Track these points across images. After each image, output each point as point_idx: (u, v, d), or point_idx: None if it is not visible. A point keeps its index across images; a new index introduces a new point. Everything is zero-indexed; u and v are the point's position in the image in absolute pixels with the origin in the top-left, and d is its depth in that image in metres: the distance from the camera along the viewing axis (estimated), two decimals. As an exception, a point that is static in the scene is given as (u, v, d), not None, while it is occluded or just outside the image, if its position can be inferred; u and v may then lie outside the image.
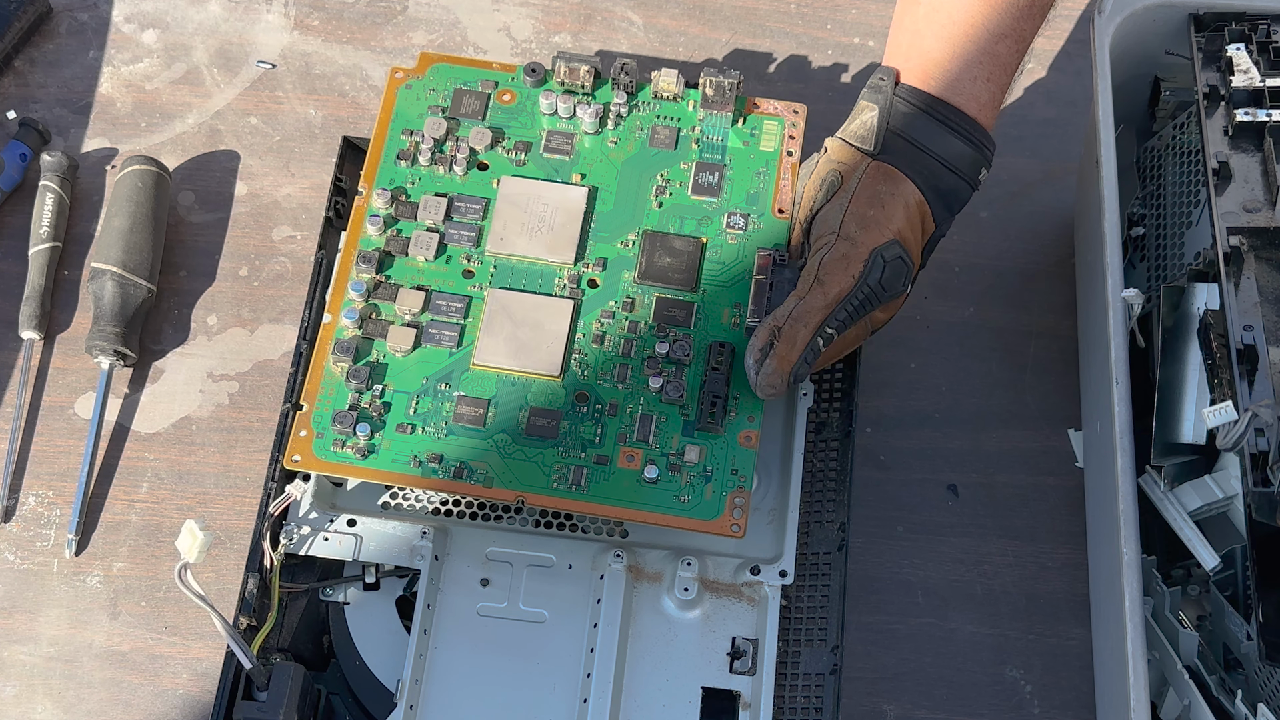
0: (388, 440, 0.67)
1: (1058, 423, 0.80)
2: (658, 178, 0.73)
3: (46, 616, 0.75)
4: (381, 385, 0.69)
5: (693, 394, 0.68)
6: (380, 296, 0.70)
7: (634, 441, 0.67)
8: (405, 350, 0.69)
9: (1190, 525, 0.68)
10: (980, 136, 0.69)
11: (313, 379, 0.69)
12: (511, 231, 0.72)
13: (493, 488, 0.66)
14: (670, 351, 0.69)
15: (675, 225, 0.72)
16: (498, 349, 0.69)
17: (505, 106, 0.75)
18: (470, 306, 0.70)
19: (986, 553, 0.77)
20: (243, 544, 0.76)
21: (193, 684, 0.74)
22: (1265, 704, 0.64)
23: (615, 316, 0.70)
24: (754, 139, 0.74)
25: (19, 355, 0.81)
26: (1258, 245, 0.66)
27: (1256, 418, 0.61)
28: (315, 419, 0.68)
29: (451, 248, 0.72)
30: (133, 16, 0.91)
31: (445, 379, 0.69)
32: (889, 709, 0.74)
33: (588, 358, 0.69)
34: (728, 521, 0.66)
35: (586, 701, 0.66)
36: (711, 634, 0.68)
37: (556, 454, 0.67)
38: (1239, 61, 0.70)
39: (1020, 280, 0.84)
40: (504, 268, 0.71)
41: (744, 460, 0.67)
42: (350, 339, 0.69)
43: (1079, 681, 0.74)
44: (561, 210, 0.72)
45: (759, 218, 0.72)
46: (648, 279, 0.71)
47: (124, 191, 0.81)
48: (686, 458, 0.67)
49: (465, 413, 0.68)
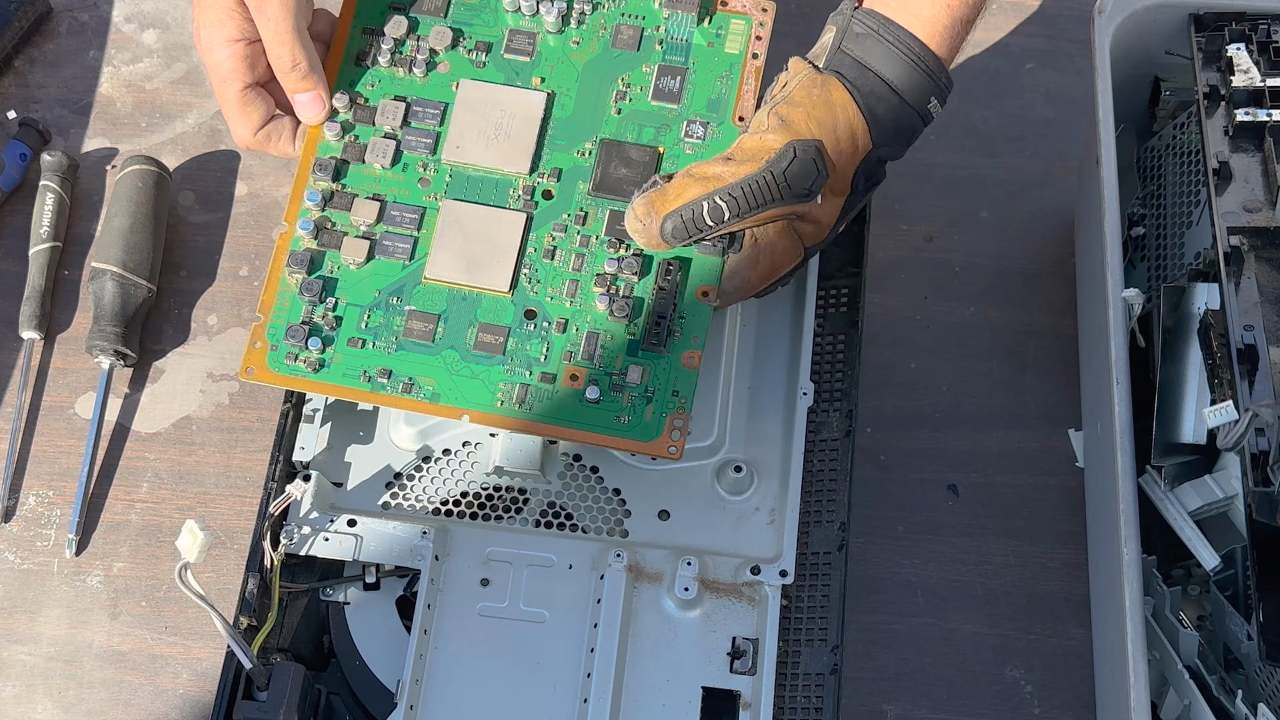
0: (339, 354, 0.68)
1: (1058, 423, 0.80)
2: (619, 82, 0.72)
3: (46, 616, 0.75)
4: (334, 298, 0.69)
5: (639, 312, 0.68)
6: (336, 206, 0.70)
7: (579, 360, 0.67)
8: (359, 263, 0.69)
9: (1190, 525, 0.68)
10: (928, 62, 0.67)
11: (268, 290, 0.69)
12: (468, 140, 0.71)
13: (439, 404, 0.67)
14: (619, 270, 0.68)
15: (634, 133, 0.71)
16: (449, 263, 0.69)
17: (468, 3, 0.73)
18: (424, 218, 0.70)
19: (986, 553, 0.77)
20: (243, 544, 0.76)
21: (193, 684, 0.74)
22: (1265, 704, 0.64)
23: (568, 230, 0.70)
24: (719, 39, 0.73)
25: (19, 355, 0.81)
26: (1258, 245, 0.66)
27: (1257, 418, 0.61)
28: (270, 331, 0.68)
29: (408, 155, 0.71)
30: (133, 16, 0.91)
31: (397, 292, 0.69)
32: (889, 709, 0.74)
33: (538, 273, 0.69)
34: (665, 443, 0.66)
35: (586, 701, 0.66)
36: (711, 634, 0.68)
37: (502, 371, 0.67)
38: (1239, 61, 0.70)
39: (1020, 280, 0.84)
40: (459, 177, 0.71)
41: (686, 382, 0.67)
42: (304, 250, 0.69)
43: (1079, 681, 0.74)
44: (519, 117, 0.71)
45: (719, 126, 0.71)
46: (602, 191, 0.70)
47: (124, 191, 0.81)
48: (629, 378, 0.67)
49: (415, 328, 0.68)
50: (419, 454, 0.72)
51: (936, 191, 0.87)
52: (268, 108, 0.71)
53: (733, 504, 0.71)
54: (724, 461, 0.72)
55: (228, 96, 0.70)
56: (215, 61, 0.69)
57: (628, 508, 0.71)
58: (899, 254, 0.85)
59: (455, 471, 0.71)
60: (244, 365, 0.68)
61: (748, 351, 0.74)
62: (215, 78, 0.70)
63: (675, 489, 0.71)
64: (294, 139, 0.72)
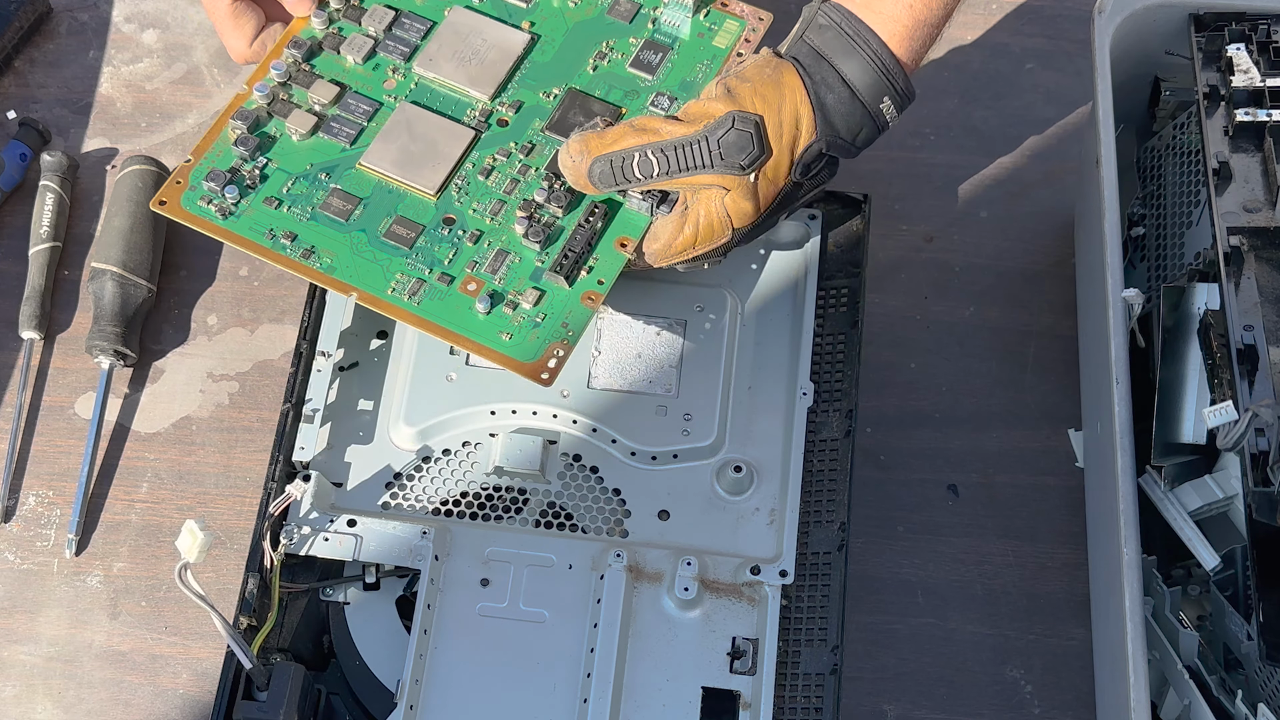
0: (252, 208, 0.69)
1: (1058, 423, 0.80)
2: (603, 45, 0.74)
3: (46, 616, 0.75)
4: (267, 159, 0.70)
5: (554, 243, 0.68)
6: (298, 82, 0.72)
7: (481, 272, 0.68)
8: (302, 134, 0.70)
9: (1190, 525, 0.68)
10: (884, 61, 0.67)
11: (207, 137, 0.70)
12: (442, 56, 0.73)
13: (332, 276, 0.67)
14: (548, 199, 0.69)
15: (603, 91, 0.72)
16: (387, 155, 0.70)
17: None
18: (378, 113, 0.71)
19: (986, 553, 0.77)
20: (243, 544, 0.76)
21: (193, 684, 0.74)
22: (1265, 704, 0.64)
23: (510, 156, 0.71)
24: (710, 33, 0.74)
25: (19, 355, 0.81)
26: (1258, 245, 0.66)
27: (1256, 418, 0.61)
28: (194, 173, 0.69)
29: (382, 56, 0.73)
30: (133, 16, 0.91)
31: (329, 170, 0.70)
32: (889, 709, 0.74)
33: (469, 186, 0.70)
34: (540, 367, 0.66)
35: (586, 701, 0.66)
36: (711, 634, 0.68)
37: (404, 263, 0.68)
38: (1239, 61, 0.70)
39: (1020, 280, 0.84)
40: (424, 88, 0.72)
41: (579, 317, 0.67)
42: (254, 109, 0.71)
43: (1079, 681, 0.74)
44: (498, 49, 0.73)
45: (684, 104, 0.71)
46: (554, 131, 0.71)
47: (124, 191, 0.81)
48: (523, 301, 0.67)
49: (334, 204, 0.69)
50: (419, 454, 0.72)
51: (936, 191, 0.87)
52: (258, 18, 0.74)
53: (733, 504, 0.71)
54: (724, 461, 0.72)
55: (219, 10, 0.73)
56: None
57: (628, 508, 0.71)
58: (899, 254, 0.85)
59: (455, 471, 0.71)
60: (158, 197, 0.69)
61: (748, 351, 0.74)
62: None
63: (675, 489, 0.71)
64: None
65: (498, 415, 0.72)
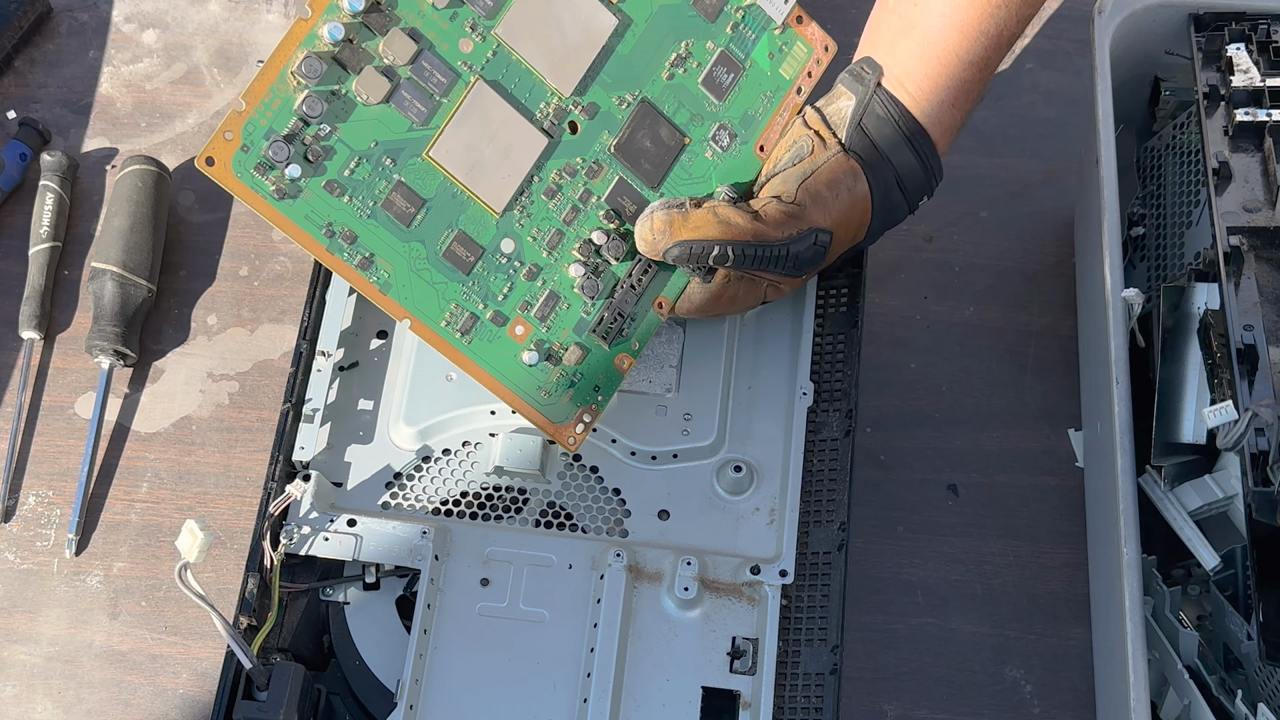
0: (310, 192, 0.63)
1: (1058, 423, 0.80)
2: (682, 46, 0.70)
3: (46, 616, 0.75)
4: (331, 128, 0.63)
5: (603, 297, 0.68)
6: (371, 25, 0.64)
7: (531, 316, 0.67)
8: (371, 101, 0.64)
9: (1190, 525, 0.68)
10: (933, 160, 0.70)
11: (263, 78, 0.61)
12: (528, 26, 0.67)
13: (388, 296, 0.65)
14: (605, 246, 0.68)
15: (672, 106, 0.70)
16: (456, 152, 0.66)
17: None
18: (454, 87, 0.65)
19: (986, 553, 0.77)
20: (243, 544, 0.76)
21: (193, 684, 0.74)
22: (1265, 704, 0.64)
23: (576, 175, 0.68)
24: (780, 56, 0.73)
25: (19, 355, 0.81)
26: (1258, 245, 0.66)
27: (1256, 417, 0.61)
28: (248, 128, 0.61)
29: (466, 6, 0.66)
30: (133, 16, 0.91)
31: (394, 153, 0.65)
32: (889, 709, 0.74)
33: (532, 206, 0.68)
34: (569, 433, 0.67)
35: (586, 701, 0.66)
36: (711, 634, 0.68)
37: (459, 291, 0.66)
38: (1239, 61, 0.70)
39: (1020, 280, 0.84)
40: (502, 59, 0.67)
41: (610, 382, 0.67)
42: (324, 55, 0.62)
43: (1079, 681, 0.74)
44: (584, 30, 0.68)
45: (741, 146, 0.71)
46: (622, 154, 0.69)
47: (124, 191, 0.81)
48: (567, 356, 0.67)
49: (396, 203, 0.65)
50: (419, 454, 0.72)
51: (936, 191, 0.87)
52: None
53: (733, 504, 0.71)
54: (724, 461, 0.72)
55: None
56: None
57: (627, 508, 0.71)
58: (899, 254, 0.85)
59: (455, 471, 0.71)
60: (205, 153, 0.61)
61: (748, 351, 0.74)
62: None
63: (675, 489, 0.71)
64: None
65: (498, 415, 0.72)
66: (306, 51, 0.62)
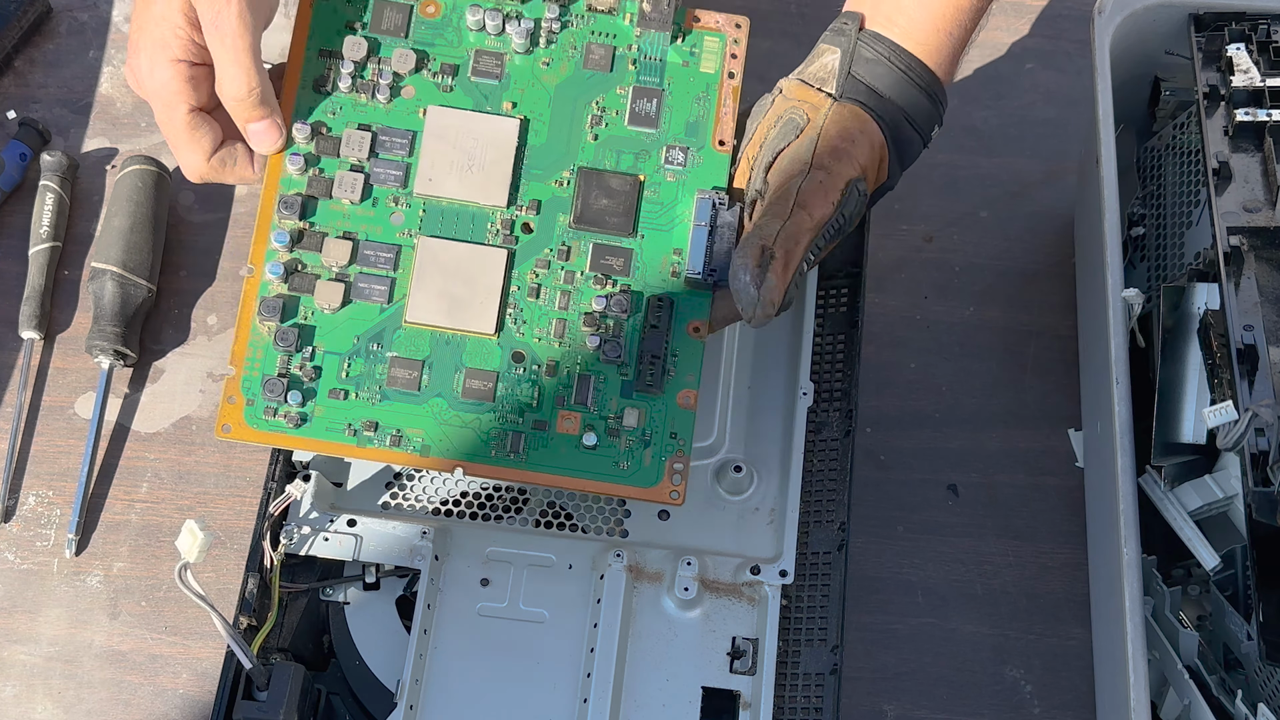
0: (320, 407, 0.65)
1: (1058, 423, 0.80)
2: (593, 105, 0.69)
3: (46, 616, 0.75)
4: (311, 347, 0.66)
5: (631, 352, 0.66)
6: (305, 246, 0.66)
7: (572, 405, 0.66)
8: (334, 307, 0.66)
9: (1190, 525, 0.68)
10: (939, 91, 0.68)
11: (239, 340, 0.66)
12: (440, 171, 0.67)
13: (430, 457, 0.65)
14: (607, 308, 0.67)
15: (612, 160, 0.68)
16: (431, 305, 0.66)
17: (429, 21, 0.69)
18: (400, 256, 0.67)
19: (986, 553, 0.77)
20: (243, 544, 0.76)
21: (193, 684, 0.74)
22: (1265, 704, 0.64)
23: (550, 266, 0.67)
24: (694, 58, 0.70)
25: (19, 355, 0.81)
26: (1258, 245, 0.66)
27: (1256, 418, 0.61)
28: (245, 384, 0.65)
29: (378, 189, 0.67)
30: (133, 16, 0.91)
31: (377, 338, 0.66)
32: (889, 709, 0.74)
33: (523, 312, 0.67)
34: (666, 488, 0.65)
35: (586, 701, 0.66)
36: (711, 634, 0.68)
37: (494, 419, 0.66)
38: (1239, 61, 0.70)
39: (1020, 280, 0.84)
40: (434, 211, 0.67)
41: (683, 423, 0.66)
42: (276, 296, 0.66)
43: (1079, 681, 0.74)
44: (492, 145, 0.68)
45: (699, 151, 0.69)
46: (584, 223, 0.67)
47: (124, 191, 0.81)
48: (625, 421, 0.66)
49: (399, 376, 0.66)
50: (419, 454, 0.72)
51: (936, 191, 0.87)
52: (216, 134, 0.66)
53: (733, 504, 0.71)
54: (724, 461, 0.72)
55: (174, 123, 0.65)
56: (158, 84, 0.64)
57: (627, 508, 0.71)
58: (899, 254, 0.85)
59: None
60: (220, 422, 0.65)
61: (748, 351, 0.74)
62: (158, 103, 0.65)
63: (675, 489, 0.71)
64: (251, 163, 0.67)
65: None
66: (261, 298, 0.66)
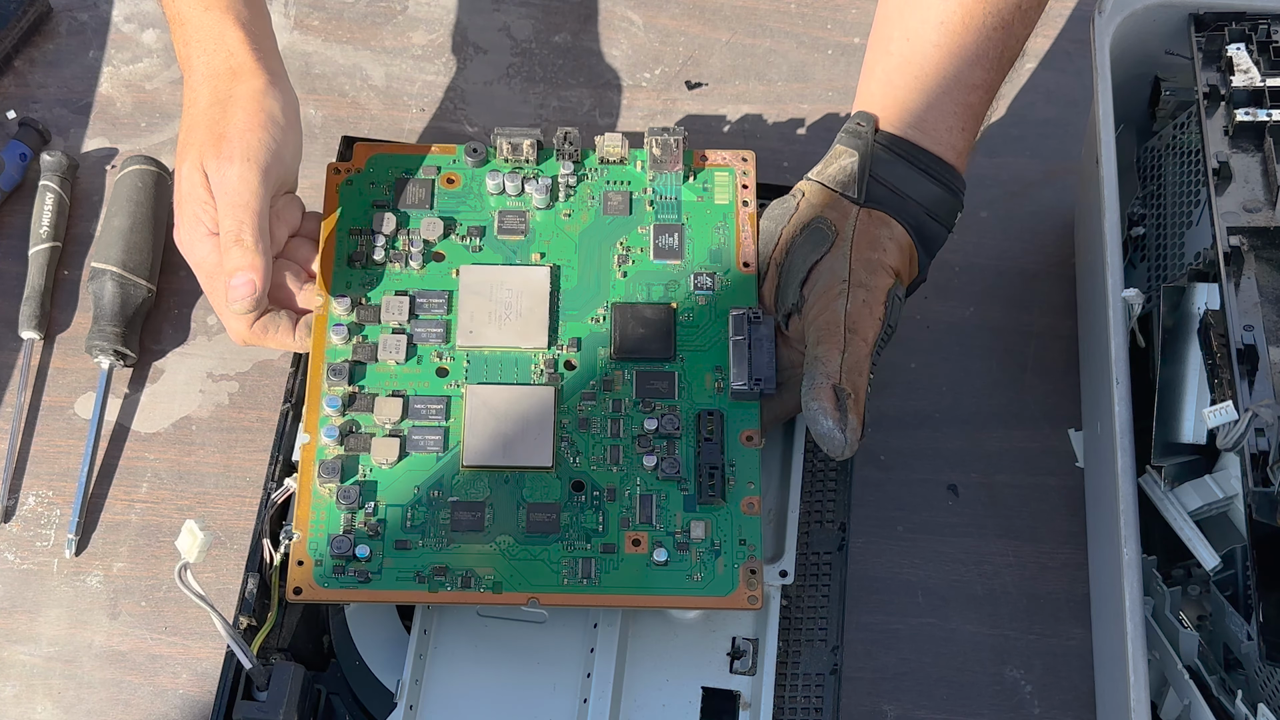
0: (389, 559, 0.65)
1: (1058, 423, 0.80)
2: (617, 245, 0.72)
3: (46, 616, 0.75)
4: (373, 502, 0.66)
5: (688, 467, 0.67)
6: (357, 409, 0.68)
7: (638, 525, 0.66)
8: (391, 462, 0.67)
9: (1190, 525, 0.68)
10: (956, 182, 0.69)
11: (302, 504, 0.66)
12: (479, 322, 0.70)
13: (503, 593, 0.65)
14: (659, 427, 0.67)
15: (643, 293, 0.71)
16: (485, 447, 0.67)
17: (451, 191, 0.73)
18: (450, 406, 0.68)
19: (986, 553, 0.77)
20: (243, 544, 0.76)
21: (193, 684, 0.74)
22: (1265, 704, 0.64)
23: (597, 397, 0.68)
24: (708, 193, 0.73)
25: (19, 355, 0.81)
26: (1258, 245, 0.66)
27: (1256, 418, 0.61)
28: (311, 546, 0.65)
29: (421, 347, 0.69)
30: (133, 16, 0.91)
31: (436, 486, 0.67)
32: (889, 709, 0.74)
33: (577, 444, 0.68)
34: (744, 594, 0.65)
35: (587, 701, 0.66)
36: (711, 634, 0.68)
37: (562, 549, 0.66)
38: (1239, 61, 0.70)
39: (1020, 280, 0.84)
40: (478, 360, 0.69)
41: (750, 528, 0.66)
42: (334, 459, 0.67)
43: (1079, 681, 0.74)
44: (526, 293, 0.70)
45: (725, 274, 0.71)
46: (624, 354, 0.69)
47: (124, 191, 0.81)
48: (693, 534, 0.66)
49: (463, 519, 0.66)
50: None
51: (936, 191, 0.87)
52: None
53: (733, 504, 0.71)
54: (724, 461, 0.72)
55: (217, 292, 0.68)
56: (199, 258, 0.69)
57: (628, 508, 0.71)
58: (899, 254, 0.85)
59: (455, 472, 0.71)
60: (290, 585, 0.65)
61: (748, 352, 0.74)
62: (201, 274, 0.69)
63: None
64: (293, 330, 0.70)
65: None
66: (319, 461, 0.67)
